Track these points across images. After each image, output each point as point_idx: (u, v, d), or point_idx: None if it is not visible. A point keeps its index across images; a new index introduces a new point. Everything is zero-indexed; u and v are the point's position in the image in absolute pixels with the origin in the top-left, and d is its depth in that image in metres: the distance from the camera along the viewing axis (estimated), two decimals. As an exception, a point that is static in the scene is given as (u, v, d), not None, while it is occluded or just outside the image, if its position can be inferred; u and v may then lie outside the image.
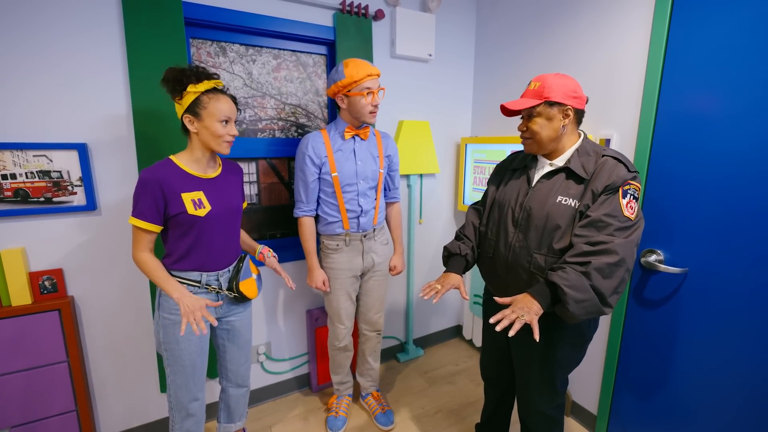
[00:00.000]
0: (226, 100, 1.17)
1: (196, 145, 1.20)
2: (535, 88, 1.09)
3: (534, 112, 1.09)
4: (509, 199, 1.19)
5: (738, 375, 1.24)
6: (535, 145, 1.12)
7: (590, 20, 1.59)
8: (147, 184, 1.10)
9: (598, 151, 1.09)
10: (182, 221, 1.16)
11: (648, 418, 1.51)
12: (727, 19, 1.19)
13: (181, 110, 1.16)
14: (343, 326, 1.68)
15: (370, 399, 1.88)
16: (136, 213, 1.12)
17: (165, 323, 1.21)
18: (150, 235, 1.16)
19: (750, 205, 1.18)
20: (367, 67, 1.43)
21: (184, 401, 1.27)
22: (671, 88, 1.34)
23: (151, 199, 1.11)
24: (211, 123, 1.15)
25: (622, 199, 1.01)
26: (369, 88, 1.44)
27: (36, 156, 1.32)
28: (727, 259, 1.24)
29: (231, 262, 1.32)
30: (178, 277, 1.21)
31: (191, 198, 1.17)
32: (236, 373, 1.45)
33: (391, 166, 1.69)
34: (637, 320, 1.51)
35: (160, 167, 1.14)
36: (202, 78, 1.14)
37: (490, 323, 1.35)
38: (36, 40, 1.28)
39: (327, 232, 1.60)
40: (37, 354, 1.36)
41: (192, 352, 1.24)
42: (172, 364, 1.24)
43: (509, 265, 1.15)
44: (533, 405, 1.26)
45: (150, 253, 1.17)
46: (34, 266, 1.38)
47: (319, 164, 1.52)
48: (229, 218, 1.27)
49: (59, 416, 1.42)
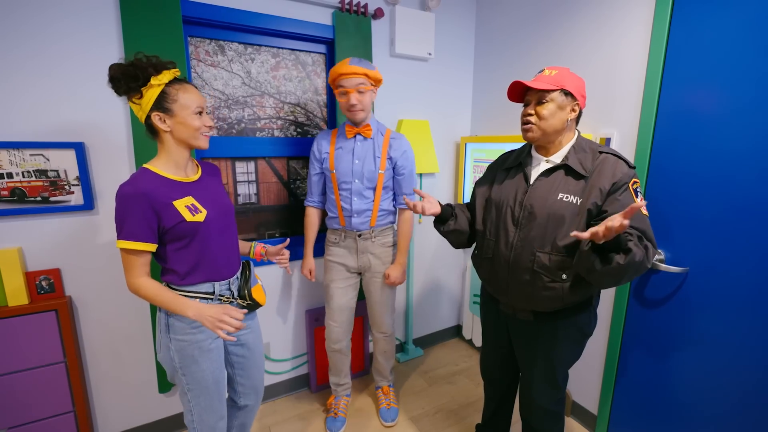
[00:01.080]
0: (193, 90, 1.05)
1: (171, 146, 1.06)
2: (551, 75, 1.08)
3: (547, 98, 1.06)
4: (507, 198, 1.17)
5: (739, 375, 1.24)
6: (539, 131, 1.08)
7: (590, 19, 1.58)
8: (130, 200, 0.96)
9: (594, 148, 1.09)
10: (182, 231, 1.04)
11: (648, 418, 1.50)
12: (727, 18, 1.19)
13: (144, 109, 1.00)
14: (335, 323, 1.67)
15: (380, 392, 1.90)
16: (125, 235, 0.98)
17: (180, 346, 1.08)
18: (144, 257, 1.02)
19: (750, 204, 1.17)
20: (341, 66, 1.43)
21: (211, 422, 1.16)
22: (672, 87, 1.33)
23: (139, 216, 0.97)
24: (186, 116, 1.03)
25: (636, 198, 1.01)
26: (342, 87, 1.45)
27: (33, 155, 1.31)
28: (728, 258, 1.23)
29: (236, 267, 1.22)
30: (188, 292, 1.08)
31: (185, 204, 1.04)
32: (256, 388, 1.34)
33: (397, 170, 1.58)
34: (638, 320, 1.50)
35: (139, 179, 1.00)
36: (161, 68, 1.00)
37: (491, 322, 1.35)
38: (34, 40, 1.27)
39: (329, 225, 1.68)
40: (34, 354, 1.35)
41: (214, 370, 1.13)
42: (194, 388, 1.12)
43: (511, 265, 1.14)
44: (537, 403, 1.26)
45: (147, 277, 1.04)
46: (31, 266, 1.37)
47: (319, 159, 1.60)
48: (225, 219, 1.18)
49: (57, 417, 1.41)
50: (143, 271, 1.03)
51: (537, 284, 1.09)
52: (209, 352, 1.12)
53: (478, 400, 1.96)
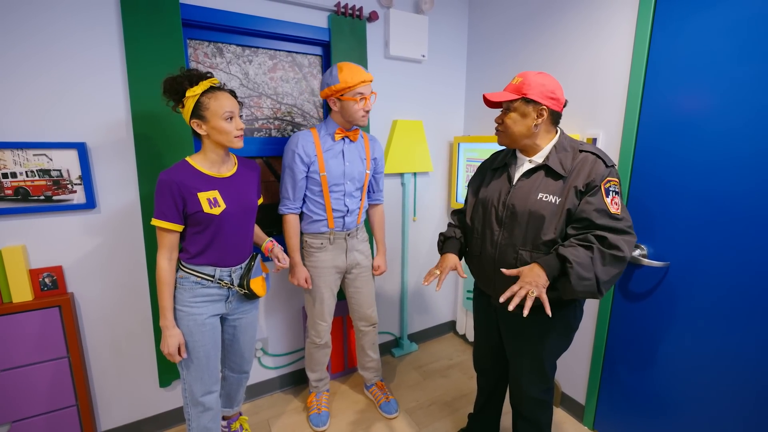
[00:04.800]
0: (225, 96, 1.19)
1: (209, 146, 1.23)
2: (516, 83, 1.13)
3: (511, 107, 1.13)
4: (492, 198, 1.22)
5: (719, 365, 1.30)
6: (507, 138, 1.17)
7: (578, 20, 1.64)
8: (165, 185, 1.15)
9: (575, 147, 1.14)
10: (199, 219, 1.20)
11: (633, 407, 1.57)
12: (708, 21, 1.24)
13: (186, 117, 1.19)
14: (325, 323, 1.70)
15: (375, 389, 1.94)
16: (158, 214, 1.16)
17: (179, 315, 1.24)
18: (173, 235, 1.20)
19: (729, 201, 1.23)
20: (361, 74, 1.46)
21: (198, 394, 1.30)
22: (654, 87, 1.39)
23: (170, 200, 1.15)
24: (217, 122, 1.17)
25: (606, 198, 1.05)
26: (362, 94, 1.47)
27: (36, 155, 1.34)
28: (707, 253, 1.30)
29: (244, 258, 1.35)
30: (192, 270, 1.25)
31: (207, 197, 1.21)
32: (239, 364, 1.51)
33: (377, 169, 1.72)
34: (623, 313, 1.57)
35: (176, 169, 1.19)
36: (196, 80, 1.17)
37: (482, 316, 1.41)
38: (36, 40, 1.30)
39: (311, 230, 1.62)
40: (37, 350, 1.39)
41: (206, 344, 1.28)
42: (187, 358, 1.27)
43: (497, 262, 1.19)
44: (526, 392, 1.31)
45: (170, 264, 1.21)
46: (35, 263, 1.40)
47: (308, 162, 1.53)
48: (243, 216, 1.30)
49: (60, 411, 1.45)
50: (170, 250, 1.21)
51: None
52: (203, 326, 1.27)
53: (472, 393, 2.02)
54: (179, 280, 1.24)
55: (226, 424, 1.62)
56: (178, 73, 1.17)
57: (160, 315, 1.22)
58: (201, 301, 1.26)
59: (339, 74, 1.45)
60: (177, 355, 1.23)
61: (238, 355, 1.48)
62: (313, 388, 1.86)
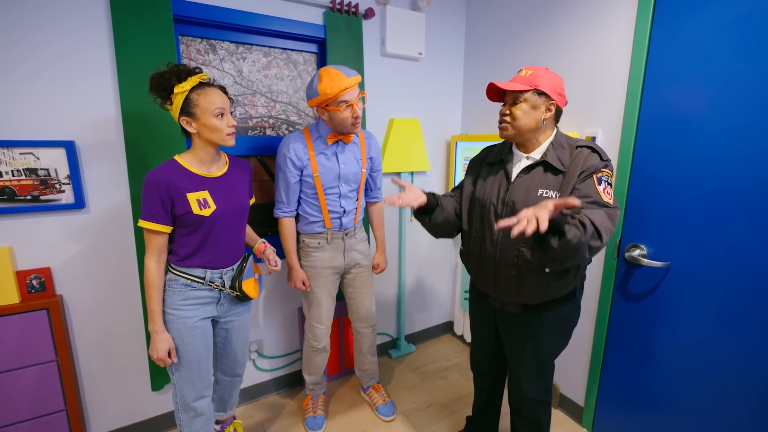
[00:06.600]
0: (215, 93, 1.15)
1: (198, 144, 1.18)
2: (526, 75, 1.11)
3: (520, 98, 1.10)
4: (490, 195, 1.20)
5: (719, 367, 1.29)
6: (513, 130, 1.13)
7: (576, 18, 1.62)
8: (152, 185, 1.10)
9: (572, 143, 1.13)
10: (188, 221, 1.16)
11: (632, 408, 1.55)
12: (708, 18, 1.23)
13: (174, 114, 1.14)
14: (323, 326, 1.67)
15: (372, 391, 1.91)
16: (145, 215, 1.12)
17: (168, 318, 1.21)
18: (161, 237, 1.16)
19: (729, 200, 1.22)
20: (341, 81, 1.35)
21: (190, 399, 1.27)
22: (654, 85, 1.38)
23: (157, 200, 1.11)
24: (207, 119, 1.13)
25: (598, 186, 1.04)
26: (346, 101, 1.38)
27: (22, 153, 1.30)
28: (708, 253, 1.28)
29: (236, 260, 1.32)
30: (182, 273, 1.21)
31: (196, 198, 1.16)
32: (232, 367, 1.48)
33: (374, 167, 1.67)
34: (622, 314, 1.55)
35: (164, 168, 1.14)
36: (185, 76, 1.11)
37: (480, 316, 1.39)
38: (25, 41, 1.27)
39: (308, 231, 1.59)
40: (25, 353, 1.35)
41: (197, 348, 1.24)
42: (177, 362, 1.23)
43: (497, 261, 1.17)
44: (526, 392, 1.29)
45: (158, 267, 1.17)
46: (22, 265, 1.36)
47: (300, 166, 1.49)
48: (234, 217, 1.27)
49: (49, 416, 1.41)
50: (159, 252, 1.17)
51: (523, 279, 1.13)
52: (193, 329, 1.23)
53: (469, 394, 2.00)
54: (168, 283, 1.21)
55: (219, 428, 1.59)
56: (166, 69, 1.11)
57: (149, 319, 1.18)
58: (191, 304, 1.23)
59: (318, 85, 1.36)
60: (167, 359, 1.19)
61: (231, 358, 1.45)
62: (309, 391, 1.83)
